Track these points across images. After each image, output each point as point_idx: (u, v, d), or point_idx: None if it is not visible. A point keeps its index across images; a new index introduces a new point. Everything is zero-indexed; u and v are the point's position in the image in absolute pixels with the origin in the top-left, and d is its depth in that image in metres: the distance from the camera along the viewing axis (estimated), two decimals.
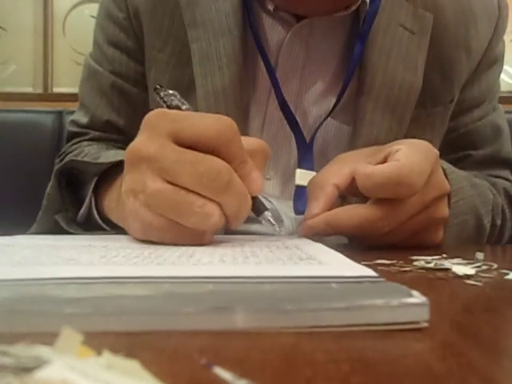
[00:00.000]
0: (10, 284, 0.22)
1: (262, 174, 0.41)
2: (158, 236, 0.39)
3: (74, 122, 0.73)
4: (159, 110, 0.40)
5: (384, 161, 0.46)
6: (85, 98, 0.71)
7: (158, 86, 0.44)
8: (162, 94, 0.44)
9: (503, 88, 0.79)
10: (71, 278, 0.23)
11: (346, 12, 0.60)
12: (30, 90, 1.90)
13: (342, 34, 0.64)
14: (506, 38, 0.72)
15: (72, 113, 0.76)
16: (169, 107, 0.43)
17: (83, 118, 0.71)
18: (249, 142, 0.41)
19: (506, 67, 1.75)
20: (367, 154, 0.49)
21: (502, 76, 0.76)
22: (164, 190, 0.36)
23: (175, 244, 0.38)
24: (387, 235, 0.46)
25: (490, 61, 0.69)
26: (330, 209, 0.47)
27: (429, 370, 0.16)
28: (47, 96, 1.87)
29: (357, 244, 0.49)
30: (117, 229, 0.49)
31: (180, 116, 0.39)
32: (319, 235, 0.47)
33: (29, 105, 1.63)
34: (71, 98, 0.76)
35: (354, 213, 0.45)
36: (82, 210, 0.53)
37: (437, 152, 0.48)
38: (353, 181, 0.46)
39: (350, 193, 0.48)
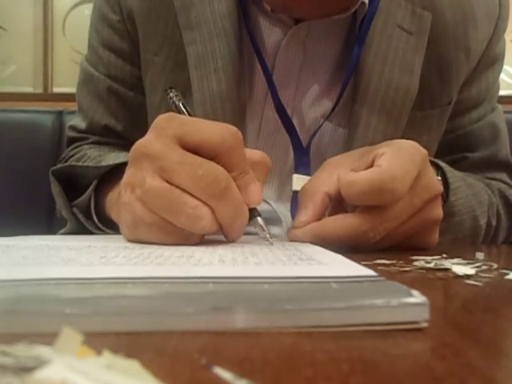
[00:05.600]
0: (10, 284, 0.22)
1: (262, 187, 0.41)
2: (146, 232, 0.39)
3: (72, 128, 0.74)
4: (170, 113, 0.41)
5: (372, 163, 0.44)
6: (82, 102, 0.72)
7: (169, 89, 0.46)
8: (172, 96, 0.45)
9: (503, 88, 0.79)
10: (71, 279, 0.23)
11: (344, 15, 0.59)
12: (29, 90, 1.89)
13: (340, 37, 0.63)
14: (506, 37, 0.71)
15: (72, 113, 0.77)
16: (178, 109, 0.44)
17: (82, 123, 0.72)
18: (251, 153, 0.42)
19: (505, 67, 1.75)
20: (356, 157, 0.48)
21: (502, 76, 0.75)
22: (160, 188, 0.37)
23: (162, 243, 0.39)
24: (380, 241, 0.45)
25: (490, 61, 0.68)
26: (321, 217, 0.46)
27: (429, 370, 0.16)
28: (47, 96, 1.87)
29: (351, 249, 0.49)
30: (114, 230, 0.49)
31: (188, 120, 0.40)
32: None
33: (29, 105, 1.63)
34: (71, 97, 0.76)
35: (343, 223, 0.44)
36: (80, 202, 0.54)
37: (425, 152, 0.46)
38: None
39: (343, 198, 0.47)
